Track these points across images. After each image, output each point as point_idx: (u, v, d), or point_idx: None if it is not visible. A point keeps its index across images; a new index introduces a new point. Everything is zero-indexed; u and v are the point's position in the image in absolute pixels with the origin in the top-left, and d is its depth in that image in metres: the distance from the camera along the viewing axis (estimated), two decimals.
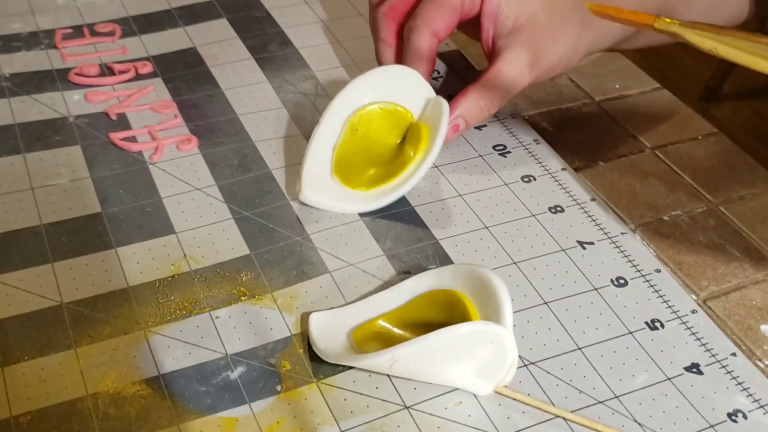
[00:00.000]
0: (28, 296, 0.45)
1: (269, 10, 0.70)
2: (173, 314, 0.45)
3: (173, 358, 0.43)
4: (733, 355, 0.45)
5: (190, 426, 0.40)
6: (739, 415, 0.42)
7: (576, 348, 0.45)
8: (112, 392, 0.41)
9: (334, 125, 0.52)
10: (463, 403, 0.42)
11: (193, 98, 0.60)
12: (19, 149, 0.54)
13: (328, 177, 0.51)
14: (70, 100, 0.59)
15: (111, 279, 0.46)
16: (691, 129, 0.60)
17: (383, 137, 0.53)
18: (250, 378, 0.42)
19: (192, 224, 0.50)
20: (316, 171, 0.51)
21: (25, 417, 0.40)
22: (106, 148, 0.55)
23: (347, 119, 0.52)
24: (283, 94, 0.61)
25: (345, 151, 0.52)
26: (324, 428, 0.40)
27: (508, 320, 0.41)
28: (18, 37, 0.65)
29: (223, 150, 0.55)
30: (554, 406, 0.42)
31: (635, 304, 0.47)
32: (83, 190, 0.52)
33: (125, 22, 0.67)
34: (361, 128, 0.52)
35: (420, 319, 0.44)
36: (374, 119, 0.53)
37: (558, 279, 0.48)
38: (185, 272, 0.47)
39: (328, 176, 0.51)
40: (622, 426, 0.41)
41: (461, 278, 0.44)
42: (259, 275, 0.47)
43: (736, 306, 0.47)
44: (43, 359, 0.42)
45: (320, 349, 0.43)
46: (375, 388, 0.42)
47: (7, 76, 0.61)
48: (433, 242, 0.50)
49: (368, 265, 0.48)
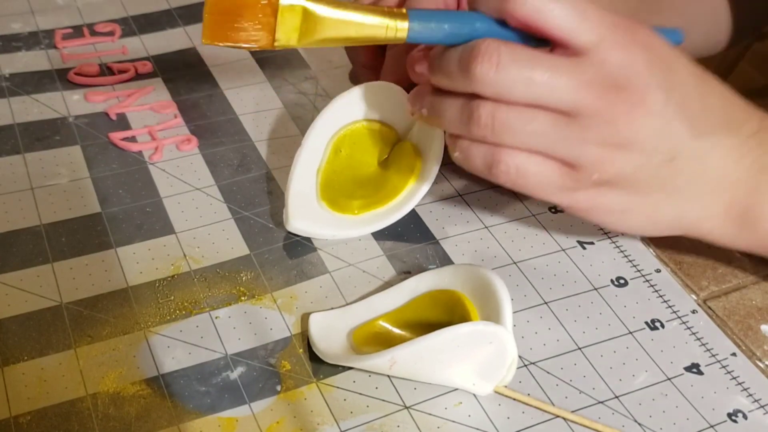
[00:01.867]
0: (27, 296, 0.45)
1: None
2: (173, 314, 0.45)
3: (173, 358, 0.43)
4: (733, 355, 0.45)
5: (190, 426, 0.40)
6: (739, 415, 0.42)
7: (576, 348, 0.45)
8: (112, 392, 0.41)
9: (316, 147, 0.50)
10: (463, 403, 0.41)
11: (193, 98, 0.60)
12: (19, 149, 0.54)
13: (315, 202, 0.50)
14: (69, 100, 0.59)
15: (111, 279, 0.46)
16: None
17: (368, 157, 0.51)
18: (250, 378, 0.42)
19: (192, 224, 0.50)
20: (302, 197, 0.49)
21: (25, 417, 0.40)
22: (106, 148, 0.55)
23: (330, 140, 0.51)
24: (283, 94, 0.61)
25: (330, 174, 0.50)
26: (324, 428, 0.40)
27: (508, 320, 0.41)
28: (18, 37, 0.65)
29: (223, 150, 0.55)
30: (554, 406, 0.42)
31: (635, 304, 0.47)
32: (83, 190, 0.52)
33: (125, 22, 0.67)
34: (344, 149, 0.51)
35: (420, 320, 0.44)
36: (358, 139, 0.51)
37: (558, 279, 0.48)
38: (185, 272, 0.47)
39: (315, 202, 0.50)
40: (622, 426, 0.41)
41: (461, 278, 0.44)
42: (259, 275, 0.47)
43: (736, 306, 0.47)
44: (42, 359, 0.42)
45: (320, 350, 0.43)
46: (375, 388, 0.42)
47: (7, 76, 0.61)
48: (433, 242, 0.50)
49: (368, 265, 0.48)
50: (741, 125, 0.44)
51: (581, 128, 0.40)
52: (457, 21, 0.41)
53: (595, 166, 0.41)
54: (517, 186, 0.42)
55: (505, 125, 0.40)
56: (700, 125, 0.43)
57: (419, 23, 0.41)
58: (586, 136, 0.41)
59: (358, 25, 0.41)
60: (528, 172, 0.41)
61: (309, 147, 0.50)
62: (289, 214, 0.48)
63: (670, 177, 0.43)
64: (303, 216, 0.49)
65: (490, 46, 0.39)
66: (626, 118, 0.40)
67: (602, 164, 0.41)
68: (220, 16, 0.39)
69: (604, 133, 0.41)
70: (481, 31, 0.41)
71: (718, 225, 0.45)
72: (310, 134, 0.50)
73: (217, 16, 0.39)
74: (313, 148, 0.50)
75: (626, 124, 0.40)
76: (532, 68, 0.39)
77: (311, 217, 0.49)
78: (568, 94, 0.40)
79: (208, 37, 0.39)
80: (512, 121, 0.40)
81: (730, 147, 0.44)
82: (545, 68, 0.39)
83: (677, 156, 0.42)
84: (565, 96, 0.40)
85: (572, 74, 0.39)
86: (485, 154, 0.42)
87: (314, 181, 0.50)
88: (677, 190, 0.44)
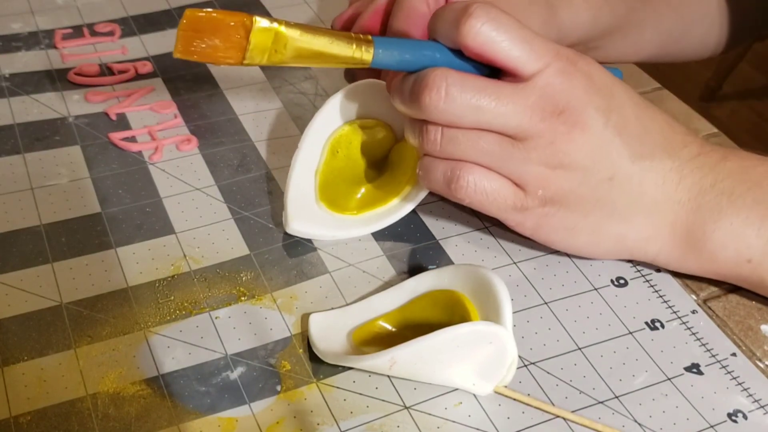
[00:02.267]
0: (27, 296, 0.45)
1: (269, 10, 0.70)
2: (173, 314, 0.45)
3: (173, 358, 0.43)
4: (733, 356, 0.45)
5: (189, 426, 0.40)
6: (739, 415, 0.42)
7: (576, 348, 0.45)
8: (112, 392, 0.41)
9: (313, 151, 0.50)
10: (463, 403, 0.41)
11: (193, 98, 0.60)
12: (19, 149, 0.54)
13: (314, 204, 0.50)
14: (69, 100, 0.59)
15: (111, 279, 0.46)
16: (692, 129, 0.60)
17: (366, 156, 0.51)
18: (249, 378, 0.42)
19: (192, 224, 0.50)
20: (301, 199, 0.49)
21: (25, 417, 0.40)
22: (106, 148, 0.55)
23: (326, 143, 0.50)
24: (283, 94, 0.61)
25: (328, 175, 0.50)
26: (324, 428, 0.40)
27: (508, 320, 0.41)
28: (18, 37, 0.65)
29: (223, 150, 0.55)
30: (554, 406, 0.42)
31: (635, 304, 0.47)
32: (83, 190, 0.52)
33: (125, 22, 0.67)
34: (341, 150, 0.51)
35: (420, 320, 0.44)
36: (354, 139, 0.51)
37: (558, 279, 0.48)
38: (185, 272, 0.47)
39: (314, 203, 0.50)
40: (622, 426, 0.41)
41: (461, 278, 0.44)
42: (259, 275, 0.47)
43: (736, 306, 0.47)
44: (42, 359, 0.42)
45: (320, 350, 0.43)
46: (375, 388, 0.42)
47: (7, 76, 0.61)
48: (433, 242, 0.50)
49: (368, 265, 0.48)
50: (681, 149, 0.46)
51: (525, 149, 0.43)
52: (418, 50, 0.44)
53: (538, 183, 0.44)
54: (475, 203, 0.45)
55: (453, 141, 0.43)
56: (639, 147, 0.45)
57: (383, 50, 0.43)
58: (529, 156, 0.43)
59: (325, 48, 0.42)
60: (485, 188, 0.44)
61: (306, 149, 0.50)
62: (288, 217, 0.48)
63: (610, 196, 0.45)
64: (302, 218, 0.49)
65: (438, 77, 0.42)
66: (565, 138, 0.43)
67: (545, 182, 0.44)
68: (194, 32, 0.40)
69: (546, 153, 0.43)
70: (439, 60, 0.43)
71: (665, 248, 0.46)
72: (306, 136, 0.50)
73: (191, 32, 0.40)
74: (310, 149, 0.50)
75: (565, 143, 0.43)
76: (478, 96, 0.42)
77: (311, 219, 0.49)
78: (512, 118, 0.43)
79: (180, 51, 0.41)
80: (460, 139, 0.43)
81: (670, 169, 0.45)
82: (491, 95, 0.42)
83: (615, 176, 0.44)
84: (510, 120, 0.43)
85: (516, 99, 0.42)
86: (444, 169, 0.44)
87: (313, 182, 0.50)
88: (617, 209, 0.45)
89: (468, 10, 0.42)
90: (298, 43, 0.41)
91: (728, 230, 0.45)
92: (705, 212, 0.45)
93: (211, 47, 0.40)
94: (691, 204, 0.45)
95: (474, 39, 0.42)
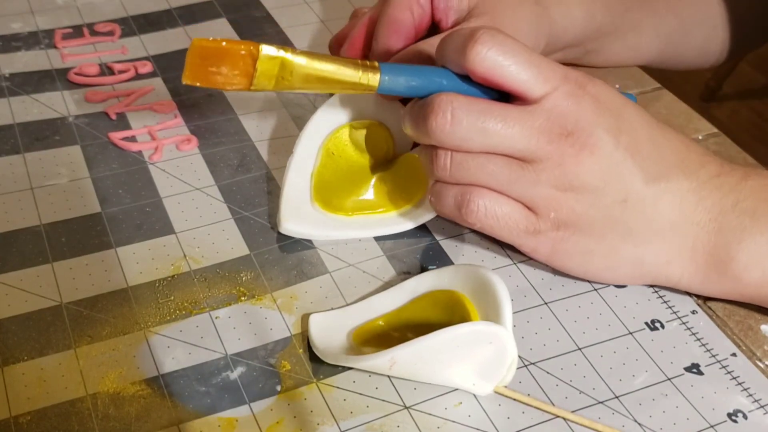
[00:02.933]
0: (27, 296, 0.45)
1: (269, 10, 0.70)
2: (173, 314, 0.45)
3: (173, 358, 0.43)
4: (733, 356, 0.45)
5: (190, 426, 0.40)
6: (739, 415, 0.42)
7: (576, 348, 0.45)
8: (112, 392, 0.41)
9: (309, 153, 0.50)
10: (463, 403, 0.42)
11: (193, 98, 0.60)
12: (19, 149, 0.54)
13: (308, 204, 0.50)
14: (69, 99, 0.59)
15: (111, 279, 0.46)
16: (692, 129, 0.60)
17: (362, 158, 0.51)
18: (249, 378, 0.42)
19: (192, 224, 0.50)
20: (295, 200, 0.49)
21: (25, 417, 0.40)
22: (106, 148, 0.55)
23: (322, 145, 0.51)
24: (283, 94, 0.61)
25: (323, 176, 0.50)
26: (324, 428, 0.40)
27: (507, 320, 0.41)
28: (18, 36, 0.65)
29: (223, 150, 0.55)
30: (554, 406, 0.42)
31: (635, 305, 0.47)
32: (83, 190, 0.52)
33: (125, 22, 0.67)
34: (337, 152, 0.51)
35: (420, 320, 0.44)
36: (350, 140, 0.51)
37: (558, 279, 0.48)
38: (185, 272, 0.47)
39: (308, 204, 0.50)
40: (622, 426, 0.41)
41: (461, 278, 0.44)
42: (259, 275, 0.47)
43: (736, 306, 0.47)
44: (42, 359, 0.42)
45: (320, 350, 0.43)
46: (375, 388, 0.42)
47: (7, 76, 0.61)
48: (433, 242, 0.50)
49: (368, 266, 0.48)
50: (698, 169, 0.45)
51: (534, 171, 0.43)
52: (425, 76, 0.44)
53: (549, 206, 0.44)
54: (486, 227, 0.45)
55: (462, 166, 0.43)
56: (653, 168, 0.44)
57: (390, 77, 0.43)
58: (539, 178, 0.43)
59: (331, 75, 0.43)
60: (496, 212, 0.44)
61: (301, 152, 0.50)
62: (281, 217, 0.49)
63: (623, 218, 0.44)
64: (296, 218, 0.49)
65: (444, 101, 0.42)
66: (573, 160, 0.43)
67: (556, 204, 0.44)
68: (202, 60, 0.41)
69: (555, 175, 0.43)
70: (447, 86, 0.44)
71: (687, 272, 0.45)
72: (302, 137, 0.50)
73: (199, 59, 0.41)
74: (305, 152, 0.50)
75: (574, 165, 0.43)
76: (485, 120, 0.42)
77: (304, 219, 0.49)
78: (520, 141, 0.42)
79: (189, 77, 0.41)
80: (469, 163, 0.43)
81: (687, 190, 0.44)
82: (498, 118, 0.42)
83: (628, 197, 0.44)
84: (518, 143, 0.42)
85: (523, 122, 0.42)
86: (455, 194, 0.44)
87: (308, 184, 0.50)
88: (631, 232, 0.45)
89: (474, 36, 0.42)
90: (305, 70, 0.42)
91: (753, 250, 0.43)
92: (727, 233, 0.44)
93: (219, 74, 0.41)
94: (711, 225, 0.44)
95: (481, 64, 0.42)
